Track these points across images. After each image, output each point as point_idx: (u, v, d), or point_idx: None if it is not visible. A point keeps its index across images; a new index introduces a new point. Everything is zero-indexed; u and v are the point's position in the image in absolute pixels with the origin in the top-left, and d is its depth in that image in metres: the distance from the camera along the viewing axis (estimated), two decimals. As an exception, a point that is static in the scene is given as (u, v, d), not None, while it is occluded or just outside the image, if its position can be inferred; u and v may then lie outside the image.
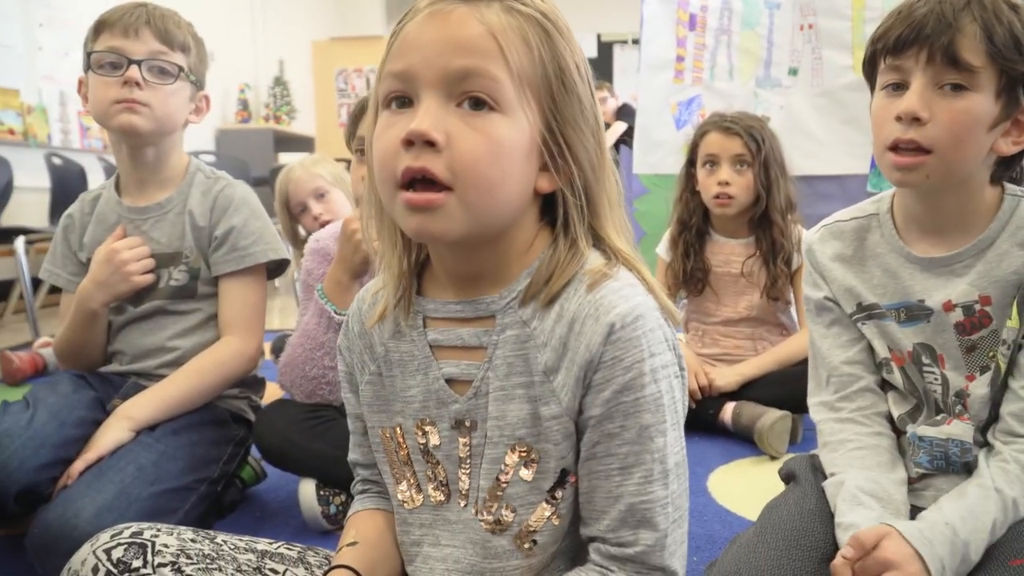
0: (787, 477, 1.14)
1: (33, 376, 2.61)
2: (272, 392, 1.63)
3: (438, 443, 0.74)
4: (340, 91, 8.24)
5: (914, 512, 0.98)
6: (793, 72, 3.27)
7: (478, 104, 0.64)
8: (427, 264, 0.76)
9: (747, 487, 1.59)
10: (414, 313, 0.75)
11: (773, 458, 1.76)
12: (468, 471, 0.73)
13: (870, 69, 1.00)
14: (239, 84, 6.63)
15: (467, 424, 0.73)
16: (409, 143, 0.63)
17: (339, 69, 8.20)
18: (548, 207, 0.72)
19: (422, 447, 0.75)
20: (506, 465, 0.71)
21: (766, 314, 1.99)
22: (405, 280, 0.75)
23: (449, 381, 0.73)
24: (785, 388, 1.82)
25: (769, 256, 1.92)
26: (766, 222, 1.92)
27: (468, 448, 0.73)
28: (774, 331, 2.01)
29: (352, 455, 0.87)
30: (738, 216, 1.95)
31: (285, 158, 6.26)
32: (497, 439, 0.71)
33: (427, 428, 0.75)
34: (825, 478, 1.04)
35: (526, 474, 0.70)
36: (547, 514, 0.71)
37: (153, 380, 1.43)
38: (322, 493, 1.38)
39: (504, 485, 0.71)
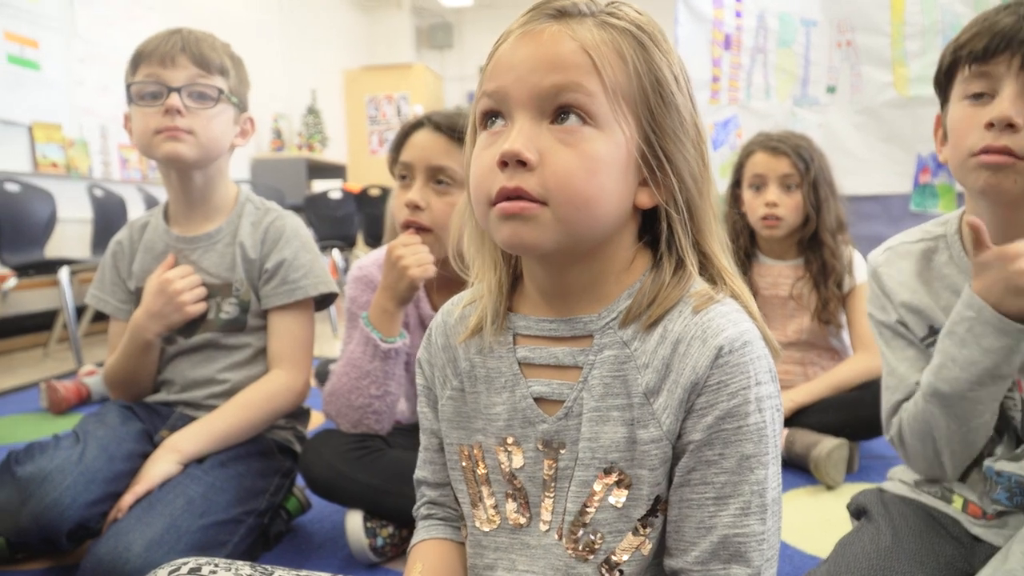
0: (857, 512, 1.09)
1: (77, 405, 2.63)
2: (315, 420, 1.62)
3: (521, 464, 0.72)
4: (371, 118, 8.35)
5: (991, 551, 0.94)
6: (831, 90, 3.23)
7: (571, 119, 0.63)
8: (519, 282, 0.75)
9: (805, 519, 1.53)
10: (504, 329, 0.73)
11: (830, 488, 1.70)
12: (553, 494, 0.71)
13: (946, 80, 0.97)
14: (273, 114, 6.74)
15: (554, 445, 0.70)
16: (504, 164, 0.63)
17: (370, 97, 8.31)
18: (649, 225, 0.70)
19: (504, 467, 0.73)
20: (595, 490, 0.68)
21: (817, 338, 1.93)
22: (501, 296, 0.74)
23: (537, 400, 0.71)
24: (840, 414, 1.76)
25: (820, 278, 1.87)
26: (816, 243, 1.88)
27: (554, 470, 0.71)
28: (825, 355, 1.96)
29: (421, 472, 0.85)
30: (786, 238, 1.91)
31: (318, 185, 6.33)
32: (588, 461, 0.68)
33: (510, 448, 0.73)
34: (898, 513, 1.00)
35: (616, 500, 0.67)
36: (636, 543, 0.68)
37: (201, 410, 1.43)
38: (369, 525, 1.36)
39: (592, 510, 0.68)
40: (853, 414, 1.74)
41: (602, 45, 0.63)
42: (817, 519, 1.53)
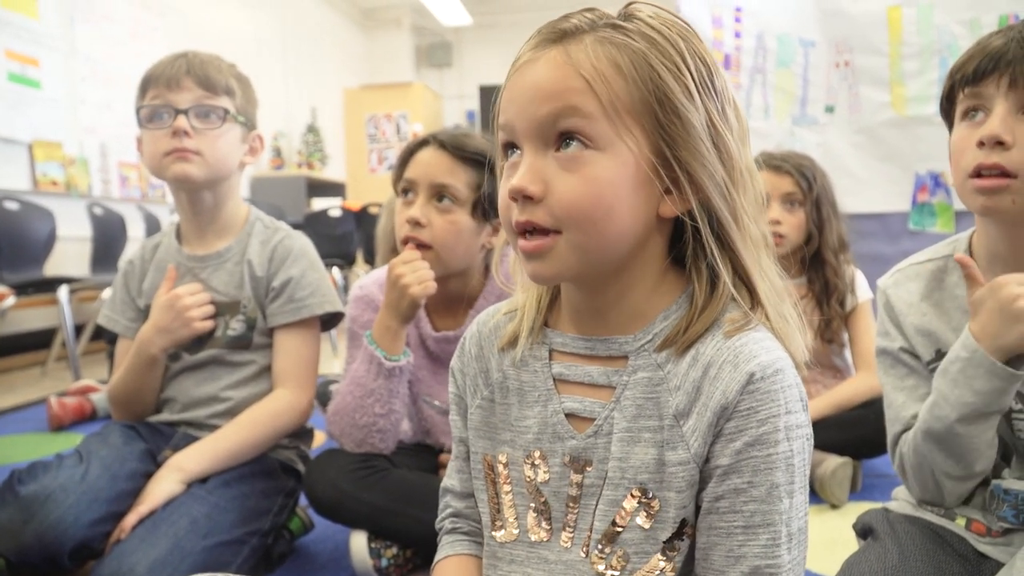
0: (863, 532, 1.09)
1: (78, 422, 2.62)
2: (318, 439, 1.62)
3: (547, 478, 0.72)
4: (370, 137, 8.37)
5: (997, 568, 0.94)
6: (830, 110, 3.25)
7: (574, 145, 0.63)
8: (556, 299, 0.76)
9: (810, 538, 1.52)
10: (540, 344, 0.74)
11: (834, 507, 1.70)
12: (577, 510, 0.71)
13: (948, 105, 0.98)
14: (273, 132, 6.76)
15: (581, 462, 0.70)
16: (514, 199, 0.65)
17: (369, 115, 8.34)
18: (680, 237, 0.69)
19: (529, 480, 0.73)
20: (624, 509, 0.68)
21: (819, 357, 1.93)
22: (540, 310, 0.75)
23: (567, 416, 0.72)
24: (844, 433, 1.76)
25: (823, 297, 1.88)
26: (819, 262, 1.88)
27: (579, 487, 0.71)
28: (828, 374, 1.96)
29: (449, 481, 0.85)
30: (788, 256, 1.91)
31: (318, 203, 6.34)
32: (618, 481, 0.68)
33: (537, 462, 0.73)
34: (904, 532, 1.00)
35: (643, 521, 0.67)
36: (661, 564, 0.67)
37: (204, 429, 1.42)
38: (373, 546, 1.35)
39: (619, 530, 0.68)
40: (856, 433, 1.74)
41: (597, 63, 0.63)
42: (822, 538, 1.53)
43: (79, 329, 3.52)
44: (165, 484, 1.26)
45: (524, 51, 0.67)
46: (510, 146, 0.68)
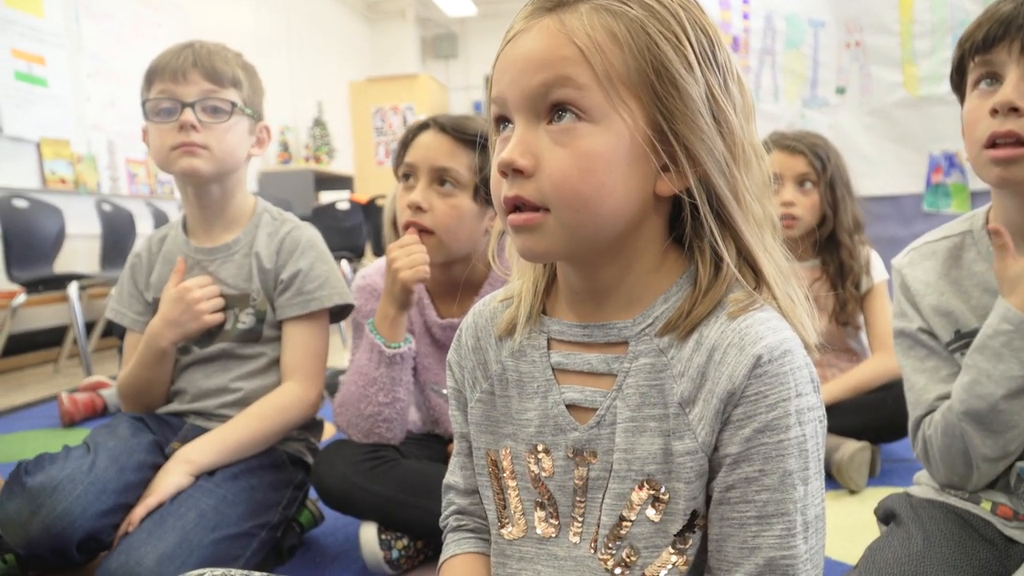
0: (885, 517, 1.06)
1: (89, 418, 2.62)
2: (328, 432, 1.61)
3: (551, 472, 0.70)
4: (377, 129, 8.36)
5: (1021, 551, 0.91)
6: (840, 91, 3.21)
7: (567, 117, 0.60)
8: (553, 285, 0.73)
9: (829, 524, 1.49)
10: (537, 333, 0.71)
11: (852, 492, 1.67)
12: (584, 504, 0.68)
13: (959, 77, 0.95)
14: (279, 126, 6.76)
15: (585, 454, 0.68)
16: (504, 173, 0.62)
17: (376, 108, 8.32)
18: (680, 217, 0.66)
19: (533, 474, 0.71)
20: (632, 502, 0.65)
21: (834, 340, 1.90)
22: (536, 296, 0.72)
23: (569, 407, 0.69)
24: (861, 417, 1.73)
25: (837, 279, 1.84)
26: (833, 243, 1.85)
27: (584, 480, 0.68)
28: (843, 357, 1.93)
29: (451, 478, 0.82)
30: (803, 238, 1.88)
31: (326, 197, 6.34)
32: (624, 473, 0.65)
33: (540, 455, 0.70)
34: (928, 517, 0.97)
35: (652, 514, 0.65)
36: (672, 559, 0.65)
37: (213, 420, 1.42)
38: (384, 537, 1.33)
39: (628, 524, 0.65)
40: (874, 416, 1.71)
41: (592, 31, 0.60)
42: (841, 524, 1.50)
43: (90, 326, 3.52)
44: (173, 476, 1.25)
45: (517, 21, 0.64)
46: (502, 120, 0.65)
